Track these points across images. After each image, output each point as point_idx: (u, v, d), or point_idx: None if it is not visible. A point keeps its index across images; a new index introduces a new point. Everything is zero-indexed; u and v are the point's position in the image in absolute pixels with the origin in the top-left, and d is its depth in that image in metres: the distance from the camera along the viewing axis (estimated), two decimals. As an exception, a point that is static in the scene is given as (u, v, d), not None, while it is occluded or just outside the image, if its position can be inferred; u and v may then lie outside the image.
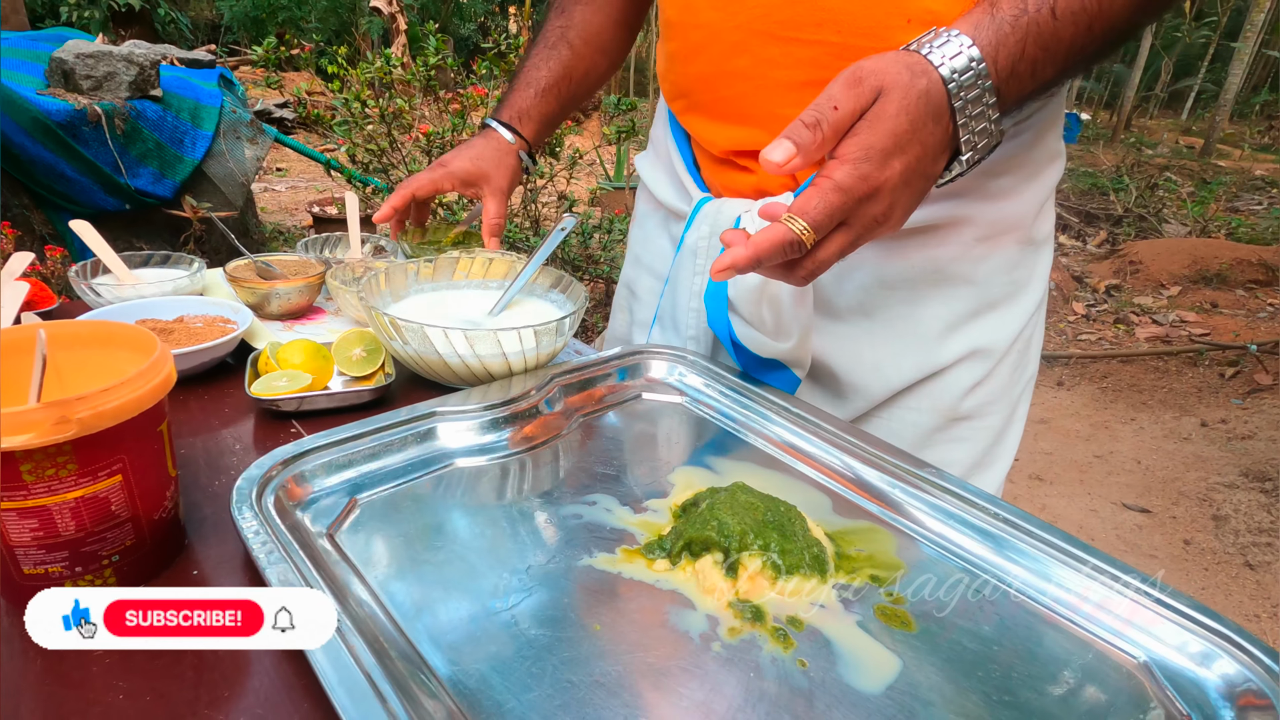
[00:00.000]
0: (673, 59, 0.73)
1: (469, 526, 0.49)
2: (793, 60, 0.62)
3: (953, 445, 0.70)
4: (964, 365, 0.68)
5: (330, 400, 0.62)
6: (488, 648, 0.39)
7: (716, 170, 0.74)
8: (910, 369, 0.68)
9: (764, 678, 0.39)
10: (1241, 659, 0.41)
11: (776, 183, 0.69)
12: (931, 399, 0.69)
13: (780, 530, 0.47)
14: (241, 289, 0.76)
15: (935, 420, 0.70)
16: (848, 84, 0.45)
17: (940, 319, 0.68)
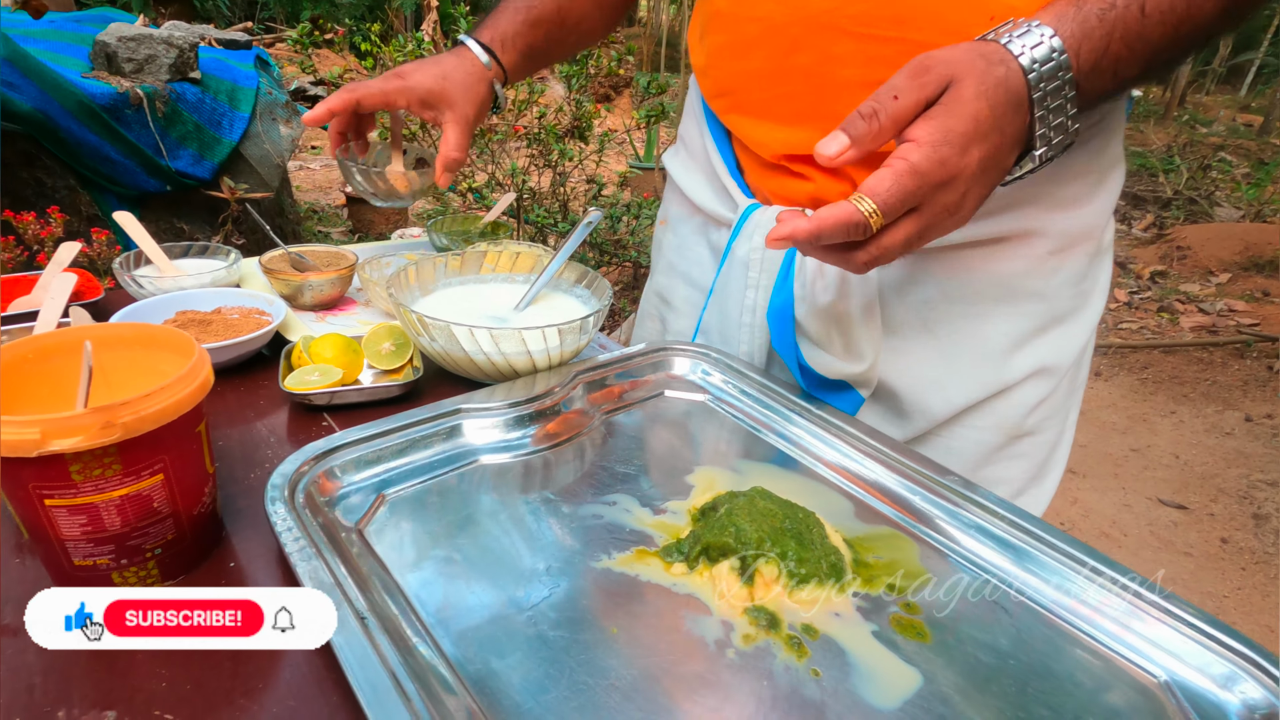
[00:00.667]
0: (718, 54, 0.68)
1: (492, 524, 0.51)
2: (863, 58, 0.58)
3: (1011, 462, 0.68)
4: (1030, 383, 0.65)
5: (360, 395, 0.63)
6: (508, 647, 0.41)
7: (765, 175, 0.69)
8: (975, 388, 0.65)
9: (777, 686, 0.40)
10: (1265, 682, 0.41)
11: (835, 191, 0.63)
12: (995, 417, 0.66)
13: (798, 538, 0.47)
14: (276, 280, 0.78)
15: (998, 439, 0.67)
16: (912, 73, 0.43)
17: (1007, 335, 0.64)
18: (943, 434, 0.67)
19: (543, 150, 2.05)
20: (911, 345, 0.67)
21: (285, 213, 2.93)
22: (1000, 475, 0.67)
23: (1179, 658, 0.44)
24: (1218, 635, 0.43)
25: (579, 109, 2.04)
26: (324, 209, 3.88)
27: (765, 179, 0.69)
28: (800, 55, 0.61)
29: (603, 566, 0.47)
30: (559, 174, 2.11)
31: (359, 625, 0.38)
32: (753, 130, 0.67)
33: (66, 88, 1.86)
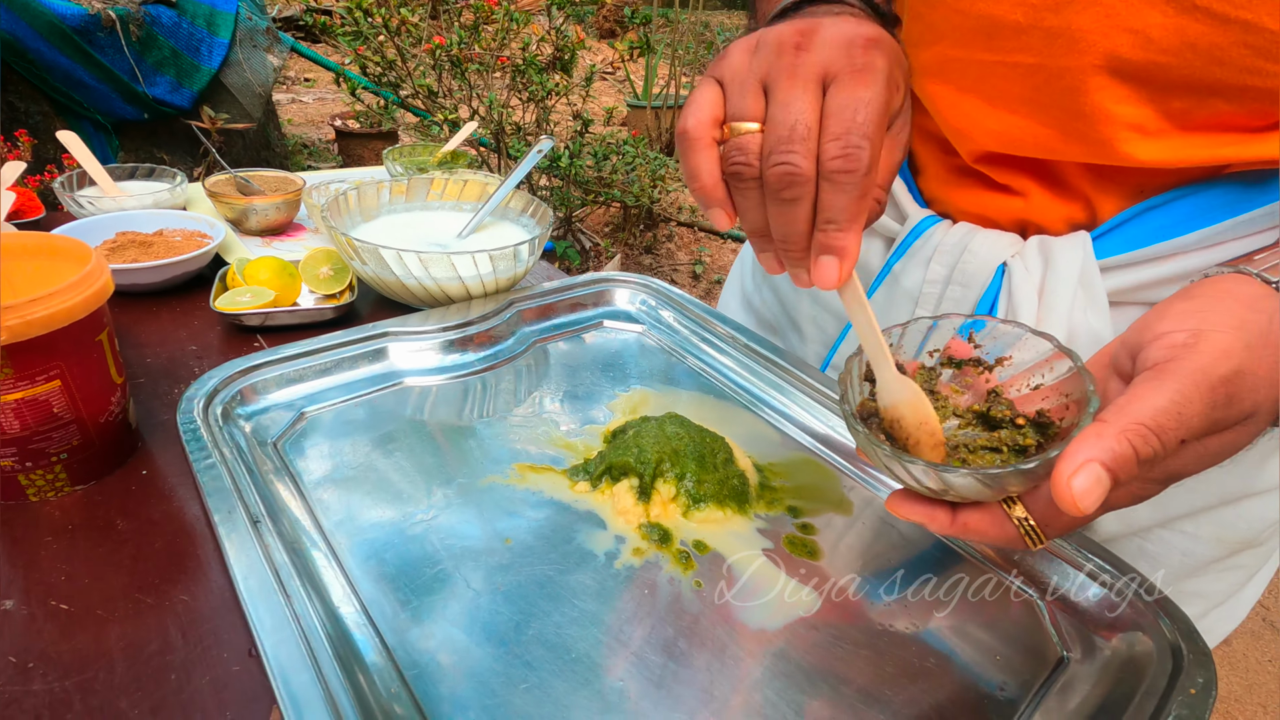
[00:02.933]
0: None
1: (408, 443, 0.52)
2: (1165, 27, 0.39)
3: (1221, 575, 0.53)
4: (1278, 493, 0.49)
5: (293, 316, 0.64)
6: (401, 553, 0.42)
7: (953, 181, 0.53)
8: (1207, 495, 0.49)
9: (657, 595, 0.41)
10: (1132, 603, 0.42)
11: (1053, 216, 0.48)
12: (1220, 528, 0.50)
13: (699, 460, 0.48)
14: (220, 204, 0.78)
15: (1214, 551, 0.51)
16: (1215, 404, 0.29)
17: (1272, 438, 0.47)
18: (1139, 536, 0.52)
19: (526, 83, 2.00)
20: None
21: (272, 145, 2.88)
22: (1201, 589, 0.53)
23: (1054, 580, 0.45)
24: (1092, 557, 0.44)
25: (560, 39, 1.98)
26: (314, 143, 3.81)
27: (953, 186, 0.53)
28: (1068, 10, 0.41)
29: (508, 484, 0.49)
30: (542, 108, 2.07)
31: (250, 528, 0.40)
32: (952, 107, 0.49)
33: (36, 8, 1.80)
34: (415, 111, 2.23)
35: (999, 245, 0.50)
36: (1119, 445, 0.28)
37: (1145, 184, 0.46)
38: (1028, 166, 0.49)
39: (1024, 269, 0.49)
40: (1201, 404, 0.29)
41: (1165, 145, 0.42)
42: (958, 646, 0.40)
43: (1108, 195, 0.47)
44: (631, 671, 0.37)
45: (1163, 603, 0.42)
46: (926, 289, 0.53)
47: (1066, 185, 0.48)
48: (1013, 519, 0.32)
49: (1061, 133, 0.45)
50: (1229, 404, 0.30)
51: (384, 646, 0.36)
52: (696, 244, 3.04)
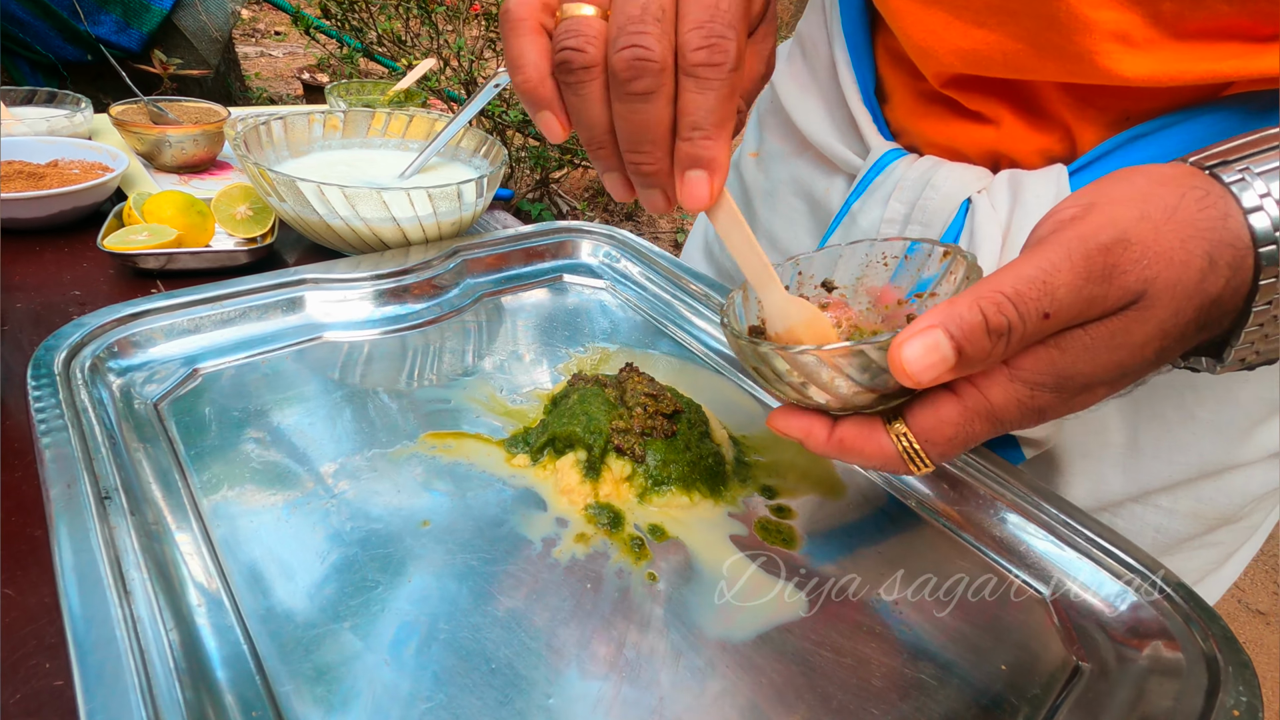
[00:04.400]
0: None
1: (318, 408, 0.44)
2: None
3: (1200, 551, 0.50)
4: (1266, 465, 0.46)
5: (198, 260, 0.55)
6: (291, 537, 0.35)
7: (920, 109, 0.48)
8: (1185, 466, 0.45)
9: (602, 591, 0.34)
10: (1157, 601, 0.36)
11: (1028, 147, 0.43)
12: (1198, 502, 0.47)
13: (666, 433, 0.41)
14: (129, 134, 0.68)
15: (1192, 528, 0.48)
16: (1089, 274, 0.25)
17: (1264, 401, 0.44)
18: (1109, 511, 0.49)
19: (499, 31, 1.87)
20: (1113, 403, 0.45)
21: (233, 97, 2.72)
22: (1178, 567, 0.50)
23: (1066, 573, 0.39)
24: (1109, 548, 0.38)
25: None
26: (282, 98, 3.63)
27: (920, 115, 0.48)
28: None
29: (430, 455, 0.41)
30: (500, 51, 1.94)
31: (95, 506, 0.32)
32: (917, 22, 0.43)
33: (-40, -69, 1.65)
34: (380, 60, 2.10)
35: (964, 180, 0.44)
36: (967, 312, 0.25)
37: (1131, 109, 0.40)
38: (1000, 90, 0.43)
39: (989, 206, 0.43)
40: (1071, 273, 0.25)
41: (1154, 58, 0.36)
42: (955, 655, 0.34)
43: (1088, 123, 0.41)
44: (563, 687, 0.30)
45: (1191, 600, 0.36)
46: (884, 229, 0.48)
47: (1043, 112, 0.43)
48: (891, 434, 0.29)
49: (1034, 46, 0.39)
50: (1107, 277, 0.25)
51: (252, 657, 0.29)
52: (679, 211, 2.95)
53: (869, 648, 0.33)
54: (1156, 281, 0.25)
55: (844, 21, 0.50)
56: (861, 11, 0.49)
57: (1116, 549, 0.38)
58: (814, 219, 0.56)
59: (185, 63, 2.18)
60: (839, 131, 0.52)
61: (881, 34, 0.49)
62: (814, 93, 0.54)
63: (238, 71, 2.91)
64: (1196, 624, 0.34)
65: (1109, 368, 0.27)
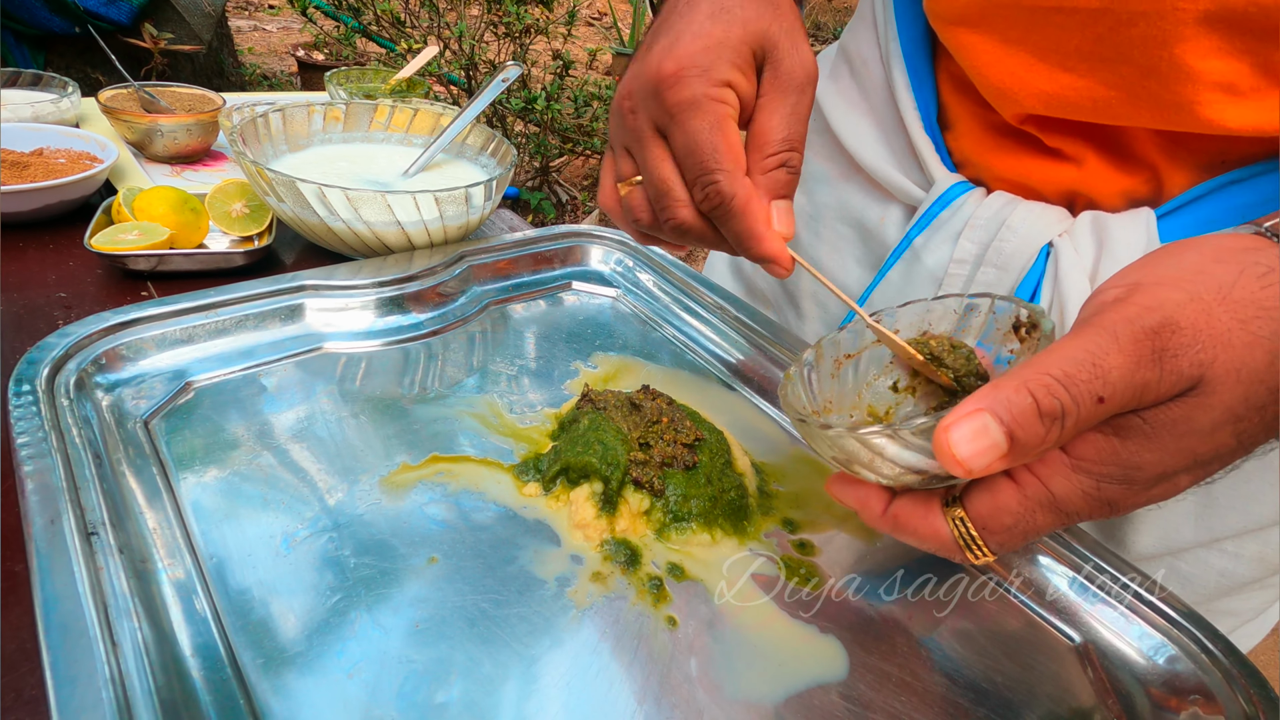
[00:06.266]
0: None
1: (318, 425, 0.42)
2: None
3: (1259, 593, 0.47)
4: None
5: (192, 261, 0.53)
6: (294, 575, 0.33)
7: (992, 143, 0.45)
8: (1259, 516, 0.43)
9: (620, 638, 0.33)
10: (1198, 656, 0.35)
11: (1112, 188, 0.41)
12: (1264, 546, 0.44)
13: (687, 467, 0.39)
14: (119, 122, 0.65)
15: (1255, 572, 0.45)
16: (1139, 358, 0.24)
17: None
18: (1177, 556, 0.46)
19: (501, 15, 1.83)
20: None
21: (226, 74, 2.66)
22: (1234, 608, 0.48)
23: (1100, 620, 0.37)
24: (1147, 598, 0.37)
25: (540, -33, 1.81)
26: (276, 75, 3.56)
27: (990, 148, 0.45)
28: None
29: (438, 482, 0.39)
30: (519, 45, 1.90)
31: (80, 543, 0.30)
32: (995, 62, 0.41)
33: (-58, -106, 1.59)
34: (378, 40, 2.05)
35: (1044, 221, 0.42)
36: (1016, 395, 0.23)
37: (1227, 153, 0.38)
38: (1084, 129, 0.41)
39: (1073, 251, 0.41)
40: (1121, 355, 0.23)
41: (1258, 108, 0.35)
42: (989, 710, 0.32)
43: (1179, 166, 0.39)
44: (581, 749, 0.28)
45: (1232, 656, 0.34)
46: (954, 269, 0.45)
47: (1130, 153, 0.40)
48: (947, 518, 0.28)
49: (1129, 95, 0.37)
50: (1158, 360, 0.24)
51: (249, 715, 0.27)
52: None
53: (901, 703, 0.32)
54: (1214, 366, 0.24)
55: (903, 42, 0.47)
56: (924, 34, 0.47)
57: (1153, 597, 0.36)
58: (865, 249, 0.52)
59: (177, 37, 2.12)
60: (896, 159, 0.49)
61: (944, 59, 0.46)
62: (867, 115, 0.51)
63: (231, 47, 2.85)
64: (1239, 684, 0.33)
65: (1178, 456, 0.25)
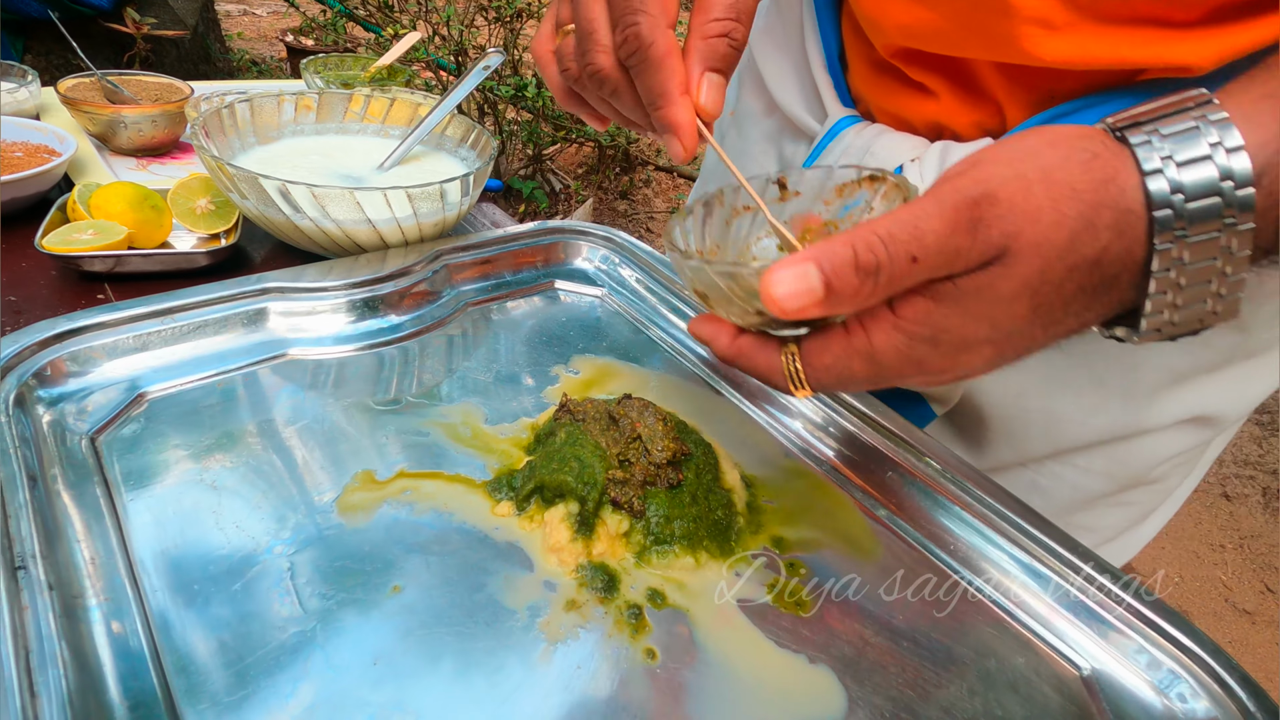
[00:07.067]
0: None
1: (280, 438, 0.39)
2: None
3: (1114, 509, 0.52)
4: (1175, 431, 0.48)
5: (151, 262, 0.50)
6: (240, 608, 0.30)
7: (874, 78, 0.49)
8: (1098, 428, 0.48)
9: (595, 674, 0.30)
10: (1211, 688, 0.33)
11: (964, 119, 0.45)
12: (1111, 461, 0.49)
13: (670, 486, 0.37)
14: (80, 114, 0.62)
15: (1106, 486, 0.50)
16: (956, 225, 0.26)
17: (1169, 369, 0.45)
18: (1030, 467, 0.51)
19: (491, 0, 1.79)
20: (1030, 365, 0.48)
21: (213, 59, 2.61)
22: (1092, 523, 0.52)
23: (1108, 649, 0.35)
24: (1162, 625, 0.34)
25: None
26: (265, 60, 3.50)
27: (874, 84, 0.49)
28: None
29: (405, 501, 0.37)
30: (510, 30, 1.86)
31: (4, 579, 0.27)
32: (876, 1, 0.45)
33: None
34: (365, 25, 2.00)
35: (901, 148, 0.46)
36: (840, 248, 0.26)
37: (1056, 89, 0.42)
38: (940, 65, 0.45)
39: (918, 174, 0.45)
40: (940, 220, 0.26)
41: (1072, 42, 0.38)
42: (991, 751, 0.30)
43: (1016, 100, 0.43)
44: (549, 803, 0.26)
45: (1250, 691, 0.32)
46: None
47: (977, 87, 0.44)
48: (783, 352, 0.31)
49: (963, 27, 0.41)
50: (972, 229, 0.26)
51: (185, 768, 0.25)
52: (675, 190, 2.87)
53: (895, 744, 0.30)
54: (1019, 238, 0.26)
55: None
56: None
57: (1163, 622, 0.34)
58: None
59: (160, 22, 2.07)
60: (804, 96, 0.54)
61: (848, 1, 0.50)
62: (784, 54, 0.55)
63: (217, 32, 2.80)
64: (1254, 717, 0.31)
65: (980, 323, 0.27)
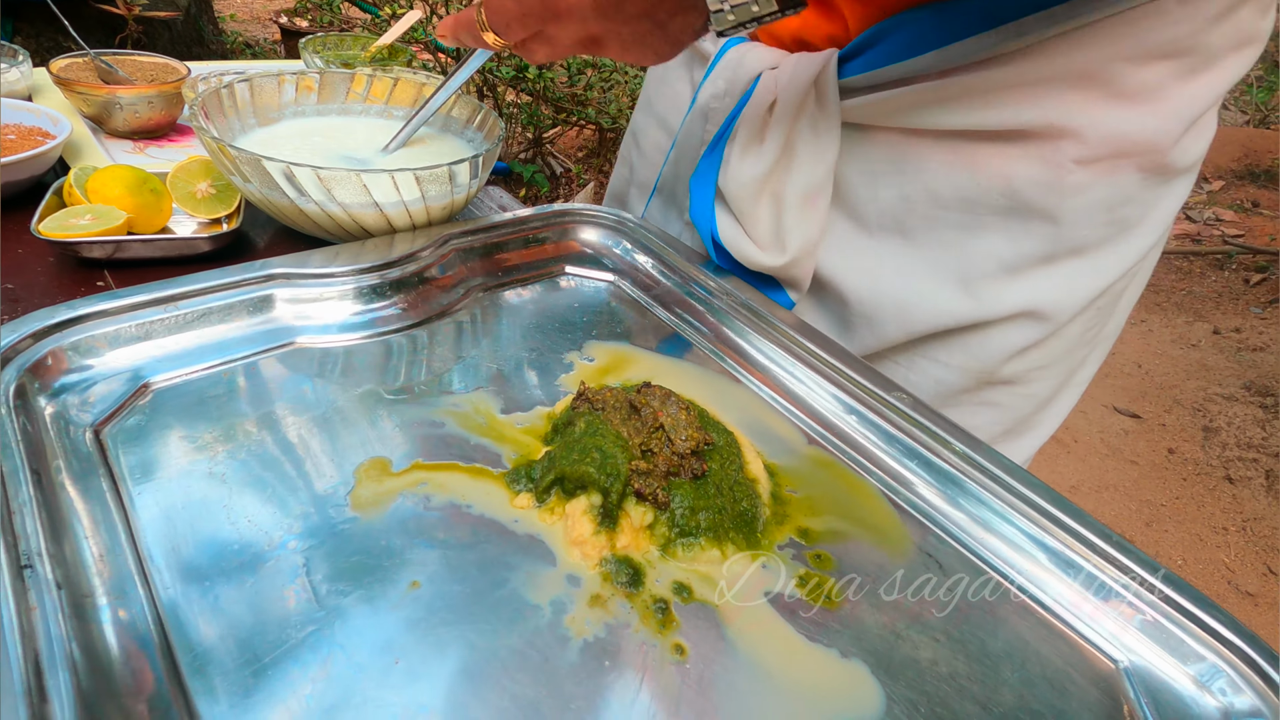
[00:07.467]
0: None
1: (289, 429, 0.38)
2: None
3: (981, 409, 0.56)
4: (1017, 322, 0.52)
5: (152, 248, 0.49)
6: (253, 605, 0.29)
7: None
8: (945, 313, 0.52)
9: (624, 671, 0.29)
10: (1258, 685, 0.32)
11: (819, 32, 0.50)
12: (965, 355, 0.54)
13: (695, 475, 0.36)
14: (74, 95, 0.60)
15: (964, 380, 0.54)
16: None
17: (997, 258, 0.50)
18: (899, 360, 0.56)
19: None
20: (876, 247, 0.53)
21: (205, 41, 2.57)
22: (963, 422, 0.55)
23: (1147, 640, 0.34)
24: (1201, 618, 0.34)
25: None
26: (259, 42, 3.45)
27: None
28: None
29: (423, 494, 0.36)
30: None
31: (12, 580, 0.26)
32: None
33: None
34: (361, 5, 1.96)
35: (765, 58, 0.53)
36: None
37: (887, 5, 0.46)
38: None
39: (772, 81, 0.51)
40: None
41: None
42: (1031, 748, 0.29)
43: (857, 12, 0.47)
44: (581, 807, 0.25)
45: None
46: (713, 104, 0.56)
47: (832, 5, 0.49)
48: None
49: None
50: None
51: (204, 775, 0.24)
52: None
53: (933, 742, 0.29)
54: None
55: None
56: None
57: (1203, 613, 0.33)
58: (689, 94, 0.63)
59: (152, 3, 2.04)
60: None
61: None
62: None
63: (210, 13, 2.75)
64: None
65: None
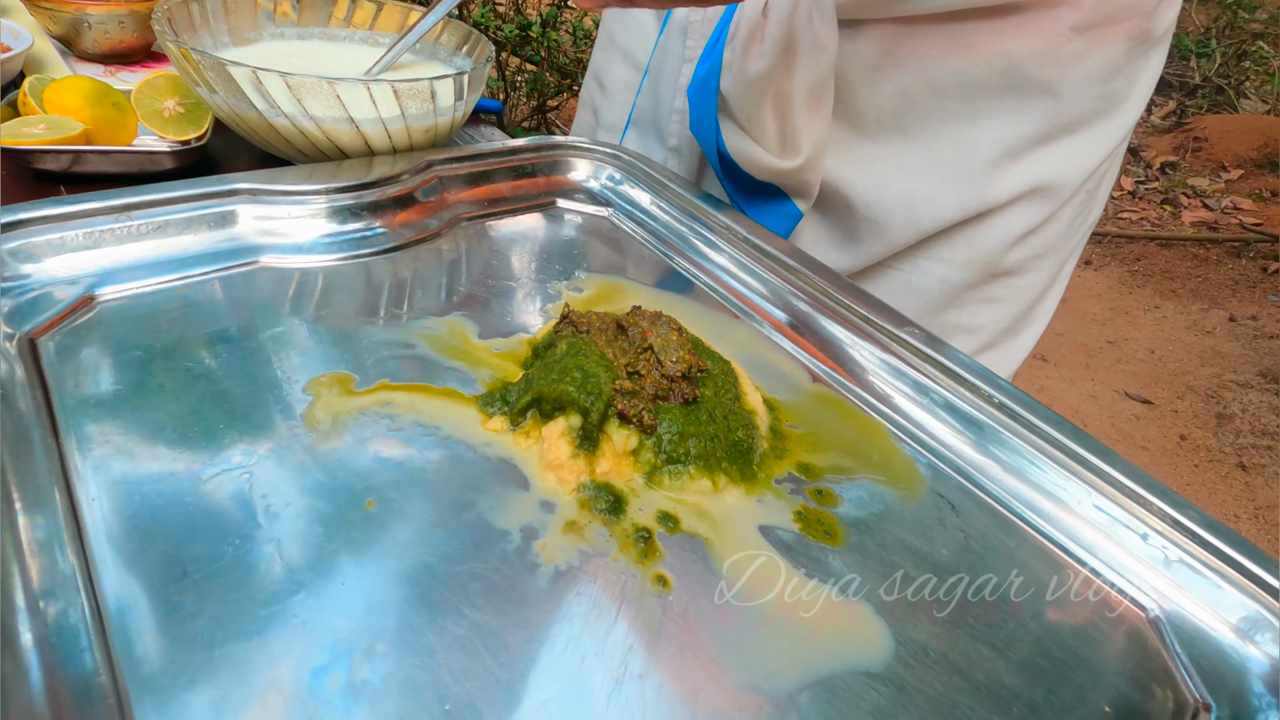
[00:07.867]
0: None
1: (245, 349, 0.35)
2: None
3: (982, 306, 0.56)
4: (1020, 206, 0.52)
5: (111, 161, 0.45)
6: (190, 517, 0.26)
7: None
8: (950, 206, 0.52)
9: (597, 602, 0.26)
10: (1304, 634, 0.28)
11: None
12: (970, 247, 0.54)
13: (685, 400, 0.33)
14: (40, 11, 0.57)
15: (969, 275, 0.55)
16: None
17: (1000, 142, 0.50)
18: (902, 266, 0.55)
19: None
20: (877, 149, 0.53)
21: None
22: (967, 322, 0.57)
23: (1181, 587, 0.31)
24: (1243, 563, 0.30)
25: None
26: None
27: None
28: None
29: (386, 414, 0.32)
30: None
31: (-95, 477, 0.23)
32: None
33: None
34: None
35: None
36: None
37: None
38: None
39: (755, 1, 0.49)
40: None
41: None
42: (1045, 692, 0.26)
43: None
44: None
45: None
46: (690, 18, 0.54)
47: None
48: None
49: None
50: None
51: (113, 692, 0.21)
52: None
53: (942, 683, 0.26)
54: None
55: None
56: None
57: (1246, 560, 0.30)
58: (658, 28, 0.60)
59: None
60: None
61: None
62: None
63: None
64: (1359, 663, 0.27)
65: None
